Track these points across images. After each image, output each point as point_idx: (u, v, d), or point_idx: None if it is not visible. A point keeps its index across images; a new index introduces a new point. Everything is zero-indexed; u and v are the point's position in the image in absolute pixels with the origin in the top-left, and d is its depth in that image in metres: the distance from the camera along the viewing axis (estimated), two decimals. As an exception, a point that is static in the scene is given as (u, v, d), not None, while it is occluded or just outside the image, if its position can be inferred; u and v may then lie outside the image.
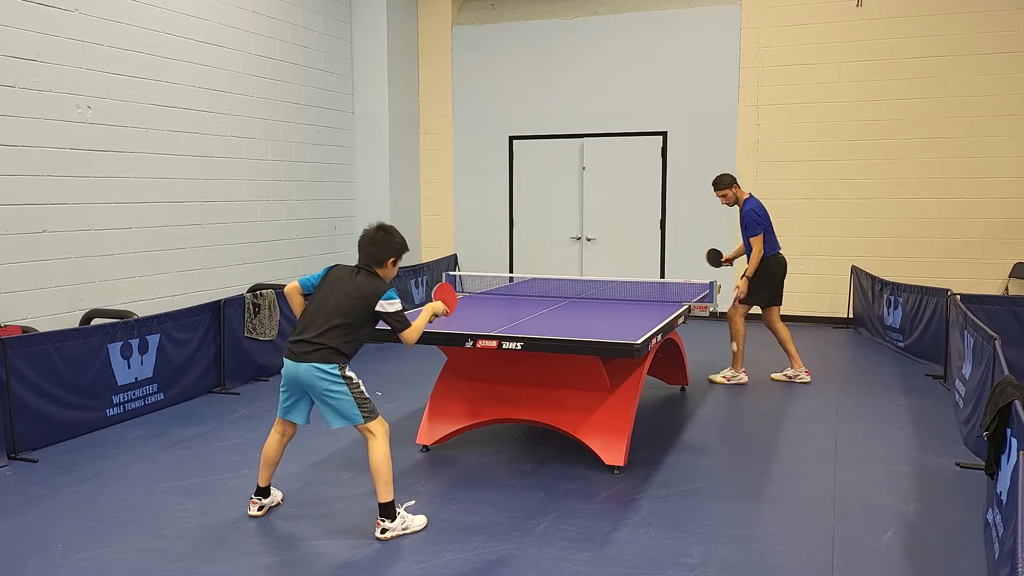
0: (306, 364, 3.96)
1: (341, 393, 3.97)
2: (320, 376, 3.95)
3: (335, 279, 4.10)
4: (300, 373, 3.98)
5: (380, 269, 4.10)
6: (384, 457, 3.99)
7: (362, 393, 4.03)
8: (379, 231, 4.11)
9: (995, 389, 4.14)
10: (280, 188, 9.30)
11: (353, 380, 4.01)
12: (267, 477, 4.31)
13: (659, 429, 5.83)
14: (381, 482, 3.99)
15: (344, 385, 3.97)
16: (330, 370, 3.95)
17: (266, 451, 4.26)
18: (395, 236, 4.13)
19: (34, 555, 3.86)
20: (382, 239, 4.08)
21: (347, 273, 4.10)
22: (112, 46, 7.08)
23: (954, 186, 9.47)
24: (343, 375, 3.98)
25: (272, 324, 7.36)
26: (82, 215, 6.89)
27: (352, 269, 4.12)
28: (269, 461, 4.27)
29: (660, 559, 3.80)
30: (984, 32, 9.21)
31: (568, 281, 7.37)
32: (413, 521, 4.10)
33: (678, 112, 10.38)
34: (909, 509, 4.40)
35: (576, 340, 4.56)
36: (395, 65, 10.73)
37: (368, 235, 4.11)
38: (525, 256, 11.16)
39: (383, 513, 4.01)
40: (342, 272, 4.13)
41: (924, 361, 7.73)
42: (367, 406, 4.02)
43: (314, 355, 3.95)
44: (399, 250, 4.14)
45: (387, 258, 4.10)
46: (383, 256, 4.09)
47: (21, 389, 5.25)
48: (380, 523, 4.00)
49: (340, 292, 4.03)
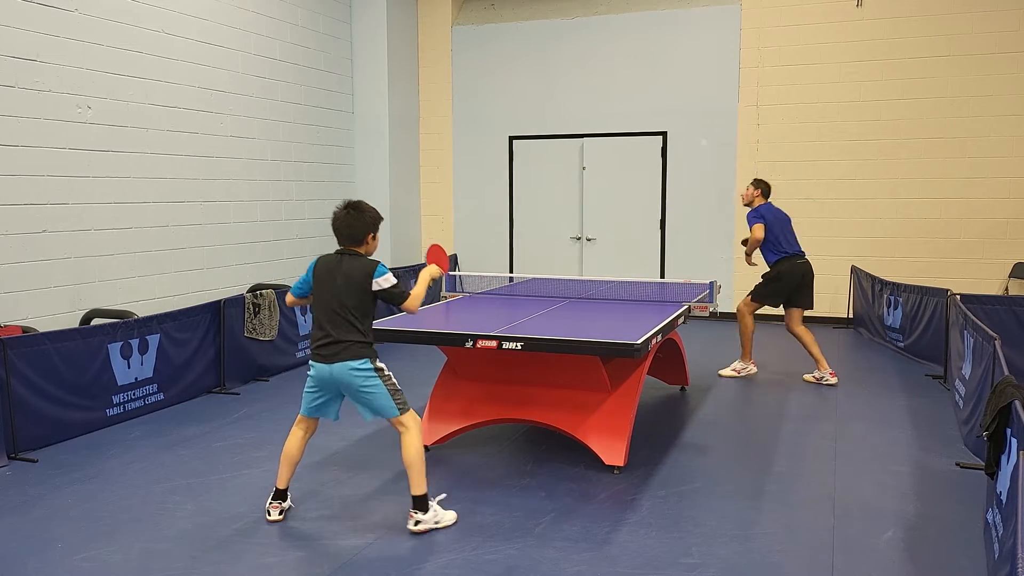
0: (338, 364, 3.98)
1: (376, 387, 4.02)
2: (355, 374, 3.99)
3: (324, 274, 4.07)
4: (334, 373, 4.00)
5: (361, 247, 4.10)
6: (418, 451, 4.04)
7: (395, 385, 4.08)
8: (349, 211, 4.07)
9: (995, 389, 4.13)
10: (280, 188, 9.30)
11: (385, 372, 4.07)
12: (287, 478, 4.27)
13: (659, 429, 5.83)
14: (415, 474, 4.04)
15: (377, 378, 4.02)
16: (362, 366, 3.99)
17: (288, 450, 4.24)
18: (367, 211, 4.10)
19: (34, 555, 3.86)
20: (356, 218, 4.06)
21: (333, 263, 4.07)
22: (112, 46, 7.08)
23: (954, 186, 9.47)
24: (375, 367, 4.03)
25: (272, 324, 7.37)
26: (82, 215, 6.89)
27: (335, 257, 4.09)
28: (292, 460, 4.25)
29: (660, 559, 3.80)
30: (984, 32, 9.21)
31: (568, 281, 7.37)
32: (444, 516, 4.15)
33: (678, 112, 10.38)
34: (909, 509, 4.40)
35: (576, 340, 4.55)
36: (395, 65, 10.73)
37: (340, 217, 4.07)
38: (525, 256, 11.16)
39: (416, 506, 4.06)
40: (328, 263, 4.09)
41: (924, 361, 7.73)
42: (400, 398, 4.08)
43: (344, 354, 3.98)
44: (375, 223, 4.12)
45: (365, 235, 4.08)
46: (360, 234, 4.07)
47: (21, 389, 5.25)
48: (413, 515, 4.06)
49: (337, 286, 4.02)
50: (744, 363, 7.41)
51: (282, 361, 7.61)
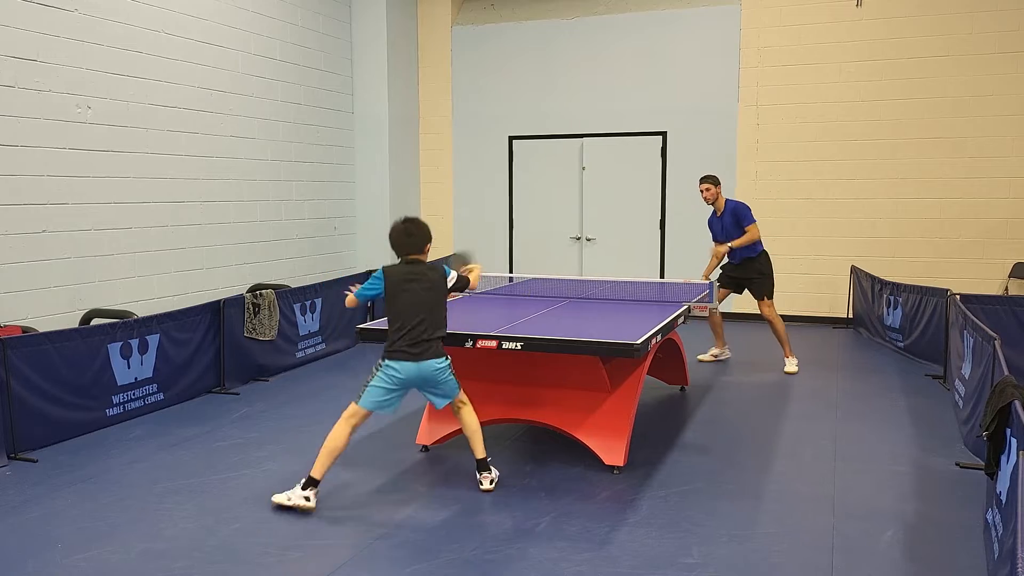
0: (425, 362, 4.37)
1: (450, 377, 4.49)
2: (439, 370, 4.42)
3: (402, 280, 4.43)
4: (422, 371, 4.39)
5: (422, 256, 4.54)
6: (477, 419, 4.65)
7: (453, 371, 4.53)
8: (409, 224, 4.51)
9: (995, 389, 4.14)
10: (280, 188, 9.30)
11: (449, 361, 4.50)
12: (326, 470, 4.43)
13: (659, 429, 5.83)
14: (479, 440, 4.64)
15: (450, 369, 4.49)
16: (442, 363, 4.44)
17: (336, 443, 4.39)
18: (423, 225, 4.55)
19: (34, 555, 3.86)
20: (415, 230, 4.50)
21: (408, 271, 4.46)
22: (112, 46, 7.08)
23: (954, 186, 9.47)
24: (448, 361, 4.49)
25: (272, 324, 7.37)
26: (82, 215, 6.89)
27: (407, 266, 4.49)
28: (337, 453, 4.41)
29: (660, 559, 3.80)
30: (984, 32, 9.21)
31: (568, 281, 7.37)
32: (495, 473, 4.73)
33: (678, 112, 10.38)
34: (909, 509, 4.40)
35: (576, 340, 4.56)
36: (395, 65, 10.73)
37: (400, 230, 4.49)
38: (525, 256, 11.16)
39: (483, 468, 4.64)
40: (402, 272, 4.47)
41: (924, 361, 7.73)
42: (456, 379, 4.55)
43: (429, 352, 4.38)
44: (430, 235, 4.58)
45: (425, 245, 4.53)
46: (422, 244, 4.51)
47: (21, 389, 5.25)
48: (485, 476, 4.63)
49: (420, 289, 4.41)
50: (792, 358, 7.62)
51: (282, 361, 7.61)
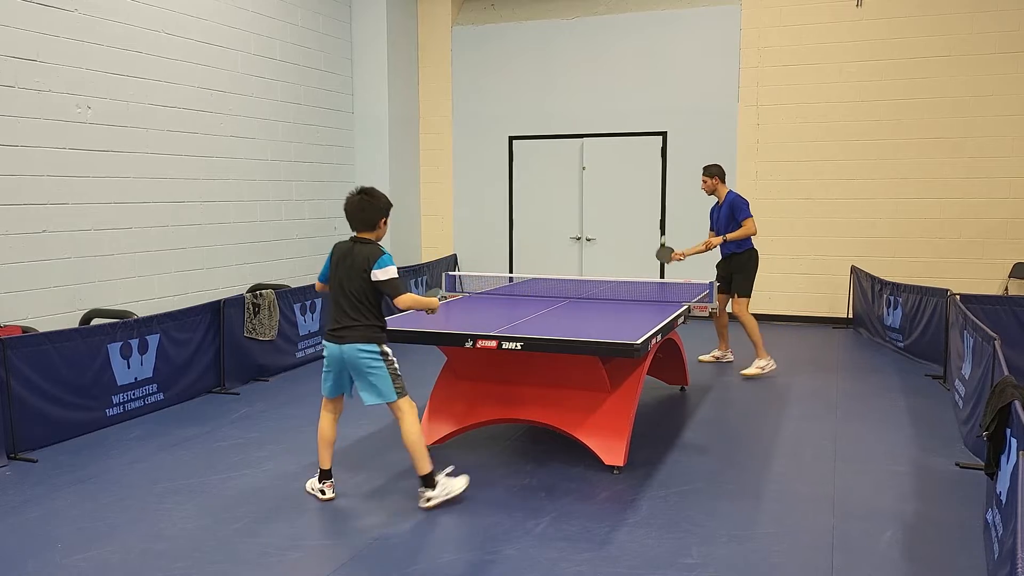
0: (348, 345, 4.23)
1: (379, 369, 4.25)
2: (362, 356, 4.23)
3: (339, 259, 4.32)
4: (344, 353, 4.25)
5: (373, 232, 4.33)
6: (417, 433, 4.29)
7: (396, 370, 4.30)
8: (363, 196, 4.30)
9: (995, 389, 4.14)
10: (280, 188, 9.30)
11: (389, 356, 4.30)
12: (329, 457, 4.50)
13: (659, 429, 5.83)
14: (418, 456, 4.29)
15: (382, 361, 4.25)
16: (371, 349, 4.23)
17: (323, 432, 4.46)
18: (379, 197, 4.34)
19: (34, 555, 3.86)
20: (368, 203, 4.29)
21: (347, 249, 4.32)
22: (112, 46, 7.08)
23: (954, 186, 9.47)
24: (381, 351, 4.26)
25: (272, 324, 7.37)
26: (82, 215, 6.89)
27: (349, 243, 4.34)
28: (328, 440, 4.47)
29: (660, 559, 3.80)
30: (985, 32, 9.21)
31: (568, 281, 7.37)
32: (454, 485, 4.37)
33: (678, 112, 10.38)
34: (909, 509, 4.40)
35: (576, 340, 4.56)
36: (395, 65, 10.73)
37: (354, 202, 4.30)
38: (525, 256, 11.16)
39: (425, 484, 4.30)
40: (343, 250, 4.34)
41: (924, 361, 7.73)
42: (400, 384, 4.31)
43: (353, 336, 4.22)
44: (386, 209, 4.35)
45: (378, 219, 4.32)
46: (374, 218, 4.31)
47: (21, 389, 5.25)
48: (423, 493, 4.30)
49: (348, 271, 4.26)
50: (764, 360, 7.42)
51: (282, 361, 7.61)
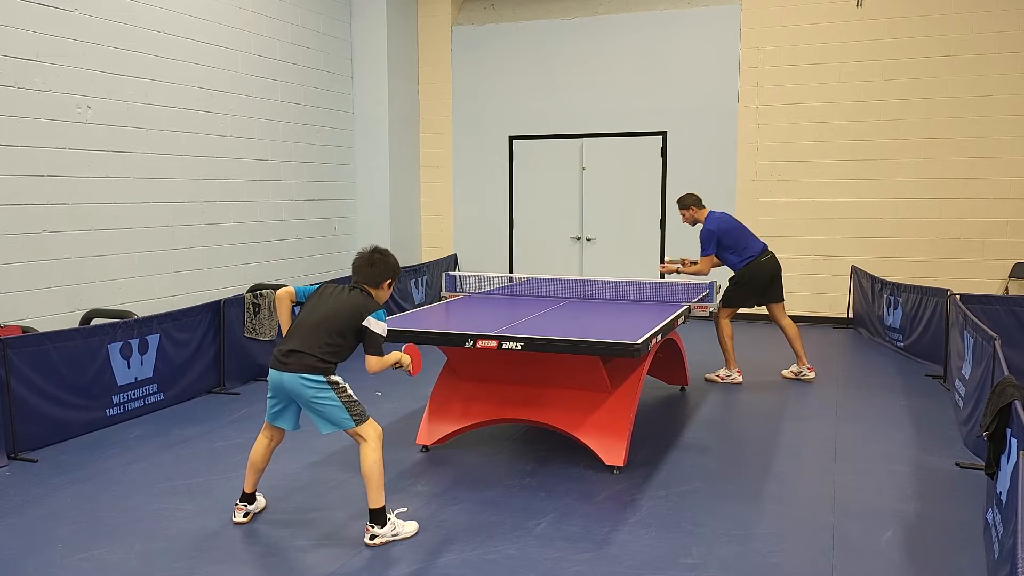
0: (290, 374, 3.93)
1: (328, 399, 3.93)
2: (306, 385, 3.91)
3: (327, 293, 4.12)
4: (284, 382, 3.95)
5: (375, 290, 4.08)
6: (375, 462, 3.93)
7: (350, 396, 3.97)
8: (375, 253, 4.12)
9: (995, 389, 4.14)
10: (280, 188, 9.30)
11: (340, 384, 3.97)
12: (253, 483, 4.27)
13: (659, 429, 5.83)
14: (372, 487, 3.94)
15: (331, 391, 3.93)
16: (314, 379, 3.91)
17: (253, 457, 4.23)
18: (391, 258, 4.15)
19: (34, 555, 3.86)
20: (379, 260, 4.09)
21: (339, 289, 4.11)
22: (112, 46, 7.07)
23: (954, 186, 9.47)
24: (328, 381, 3.94)
25: (272, 324, 7.37)
26: (82, 215, 6.89)
27: (346, 287, 4.11)
28: (256, 467, 4.24)
29: (660, 559, 3.80)
30: (984, 32, 9.21)
31: (568, 281, 7.37)
32: (404, 527, 4.04)
33: (678, 112, 10.38)
34: (909, 509, 4.40)
35: (576, 340, 4.55)
36: (395, 65, 10.73)
37: (364, 257, 4.10)
38: (525, 256, 11.16)
39: (373, 519, 3.95)
40: (335, 289, 4.14)
41: (924, 361, 7.73)
42: (356, 409, 3.97)
43: (298, 365, 3.91)
44: (395, 272, 4.14)
45: (384, 279, 4.09)
46: (380, 277, 4.08)
47: (21, 389, 5.25)
48: (369, 529, 3.95)
49: (330, 305, 4.02)
50: (729, 370, 7.17)
51: (282, 361, 7.59)
